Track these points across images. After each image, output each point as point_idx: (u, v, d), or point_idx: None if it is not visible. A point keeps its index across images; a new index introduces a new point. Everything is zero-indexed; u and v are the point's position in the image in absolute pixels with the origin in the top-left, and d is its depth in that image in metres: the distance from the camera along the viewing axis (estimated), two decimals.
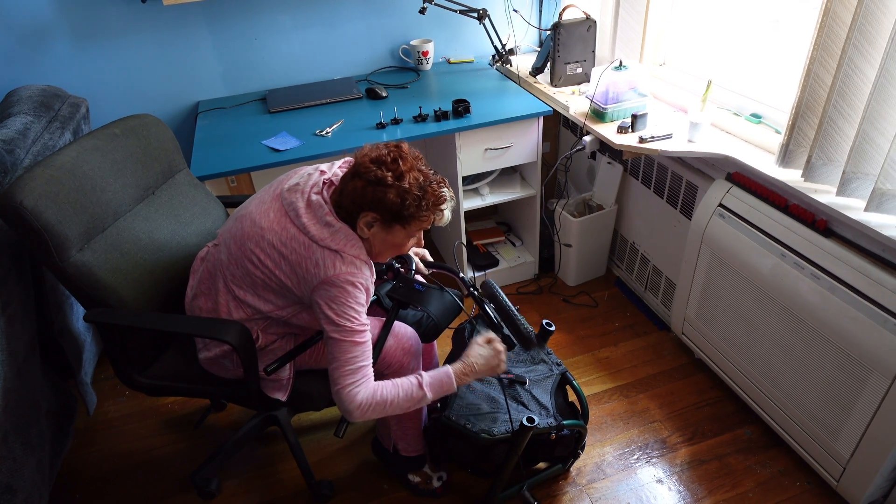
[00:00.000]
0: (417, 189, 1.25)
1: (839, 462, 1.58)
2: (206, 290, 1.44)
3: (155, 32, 2.24)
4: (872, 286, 1.40)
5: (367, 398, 1.27)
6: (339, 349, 1.27)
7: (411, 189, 1.24)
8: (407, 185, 1.23)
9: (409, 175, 1.24)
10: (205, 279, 1.45)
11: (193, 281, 1.49)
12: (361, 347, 1.28)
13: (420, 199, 1.25)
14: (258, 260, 1.30)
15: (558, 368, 1.75)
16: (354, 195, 1.25)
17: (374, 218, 1.26)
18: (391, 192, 1.22)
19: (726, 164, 1.85)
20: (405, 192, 1.23)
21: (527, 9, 2.64)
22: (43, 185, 1.29)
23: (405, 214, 1.25)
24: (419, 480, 1.74)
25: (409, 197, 1.24)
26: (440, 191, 1.29)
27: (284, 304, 1.36)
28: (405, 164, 1.25)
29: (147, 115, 1.65)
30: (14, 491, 1.33)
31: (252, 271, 1.31)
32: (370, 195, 1.23)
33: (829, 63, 1.41)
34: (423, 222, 1.30)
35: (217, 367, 1.47)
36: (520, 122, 2.20)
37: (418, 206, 1.25)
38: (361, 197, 1.24)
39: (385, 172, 1.23)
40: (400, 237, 1.31)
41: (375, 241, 1.31)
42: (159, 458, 1.91)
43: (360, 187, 1.24)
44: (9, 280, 1.37)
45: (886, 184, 1.33)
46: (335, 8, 2.41)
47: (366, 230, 1.28)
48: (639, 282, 2.45)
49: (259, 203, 1.35)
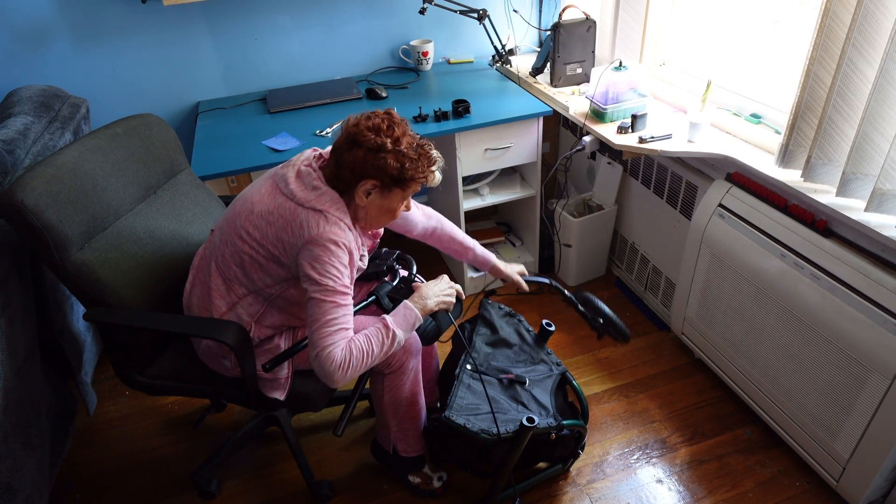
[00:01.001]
0: (413, 152, 1.29)
1: (839, 462, 1.58)
2: (200, 279, 1.45)
3: (155, 33, 2.24)
4: (872, 286, 1.40)
5: (345, 355, 1.26)
6: (319, 309, 1.26)
7: (408, 152, 1.28)
8: (404, 148, 1.27)
9: (404, 139, 1.28)
10: (200, 269, 1.46)
11: (191, 275, 1.50)
12: (342, 310, 1.27)
13: (416, 160, 1.29)
14: (247, 234, 1.32)
15: (558, 368, 1.76)
16: (355, 164, 1.27)
17: (373, 185, 1.28)
18: (391, 157, 1.26)
19: (726, 165, 1.86)
20: (403, 156, 1.27)
21: (527, 9, 2.64)
22: (44, 185, 1.29)
23: (405, 178, 1.28)
24: (419, 481, 1.74)
25: (407, 160, 1.27)
26: (431, 152, 1.34)
27: (272, 282, 1.36)
28: (399, 129, 1.29)
29: (150, 115, 1.65)
30: (14, 491, 1.33)
31: (241, 247, 1.33)
32: (371, 162, 1.26)
33: (829, 63, 1.41)
34: (419, 184, 1.33)
35: (216, 363, 1.47)
36: (520, 123, 2.20)
37: (416, 168, 1.29)
38: (362, 165, 1.26)
39: (384, 139, 1.26)
40: (396, 201, 1.34)
41: (371, 208, 1.33)
42: (159, 458, 1.91)
43: (360, 156, 1.26)
44: (9, 280, 1.37)
45: (886, 184, 1.33)
46: (335, 8, 2.41)
47: (364, 198, 1.30)
48: (639, 282, 2.45)
49: (253, 185, 1.40)
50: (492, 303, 1.84)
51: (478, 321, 1.79)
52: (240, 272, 1.36)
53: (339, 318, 1.27)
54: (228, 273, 1.38)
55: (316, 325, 1.26)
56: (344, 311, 1.28)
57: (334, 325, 1.26)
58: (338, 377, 1.26)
